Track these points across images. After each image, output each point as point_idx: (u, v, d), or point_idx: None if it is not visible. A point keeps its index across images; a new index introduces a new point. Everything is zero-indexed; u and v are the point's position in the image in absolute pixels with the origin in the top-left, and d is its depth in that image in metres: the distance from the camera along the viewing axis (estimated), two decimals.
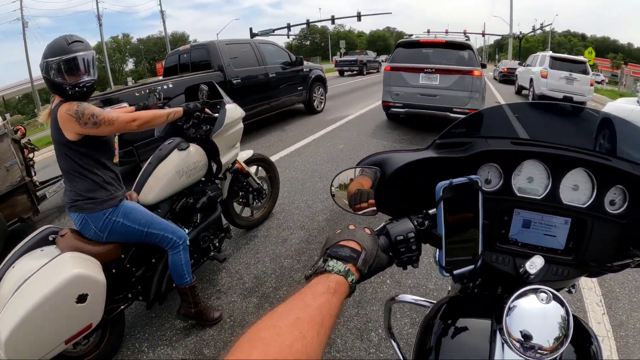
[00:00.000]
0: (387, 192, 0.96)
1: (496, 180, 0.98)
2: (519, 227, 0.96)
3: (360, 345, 2.26)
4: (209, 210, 2.80)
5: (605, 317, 2.40)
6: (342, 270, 0.65)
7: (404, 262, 0.79)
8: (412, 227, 0.80)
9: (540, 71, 11.94)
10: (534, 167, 0.95)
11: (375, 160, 1.00)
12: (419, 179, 0.93)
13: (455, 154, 0.99)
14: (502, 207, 0.96)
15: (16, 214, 4.02)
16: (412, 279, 2.82)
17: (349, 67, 26.51)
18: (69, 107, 1.92)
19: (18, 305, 1.78)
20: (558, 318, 0.69)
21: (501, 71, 22.35)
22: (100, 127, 1.96)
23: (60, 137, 1.98)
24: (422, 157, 1.00)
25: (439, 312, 0.94)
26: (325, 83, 10.23)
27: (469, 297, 1.07)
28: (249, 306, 2.68)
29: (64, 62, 1.94)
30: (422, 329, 0.93)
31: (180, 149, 2.59)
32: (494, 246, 0.95)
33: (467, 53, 7.06)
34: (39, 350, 1.83)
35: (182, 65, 7.82)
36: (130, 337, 2.51)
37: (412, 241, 0.78)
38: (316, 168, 5.48)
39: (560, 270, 0.91)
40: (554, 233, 0.93)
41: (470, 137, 1.06)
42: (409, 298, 1.29)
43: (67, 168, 2.07)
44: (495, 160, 0.97)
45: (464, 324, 0.87)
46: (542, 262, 0.83)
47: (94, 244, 2.13)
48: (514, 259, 0.93)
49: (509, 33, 44.11)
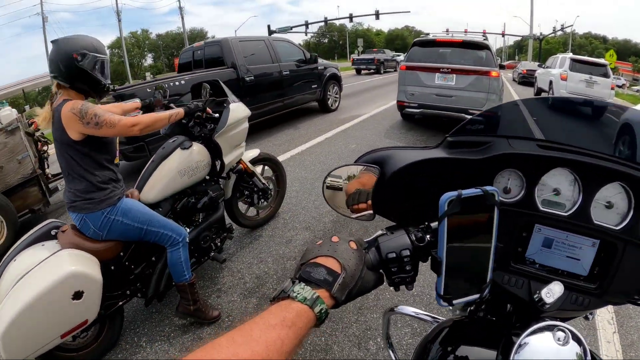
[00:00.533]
0: (386, 194, 0.85)
1: (517, 189, 0.84)
2: (538, 246, 0.82)
3: (357, 354, 2.22)
4: (211, 210, 2.79)
5: (616, 336, 2.32)
6: (309, 298, 0.56)
7: (395, 282, 0.69)
8: (408, 242, 0.69)
9: (560, 73, 11.72)
10: (564, 177, 0.81)
11: (375, 157, 0.89)
12: (425, 182, 0.83)
13: (470, 156, 0.86)
14: (521, 222, 0.83)
15: (27, 205, 4.13)
16: (416, 288, 2.74)
17: (366, 65, 26.41)
18: (74, 106, 1.93)
19: (15, 300, 1.81)
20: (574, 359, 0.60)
21: (520, 72, 22.02)
22: (102, 128, 1.97)
23: (64, 136, 1.98)
24: (430, 157, 0.86)
25: (439, 335, 0.85)
26: (340, 81, 10.16)
27: (474, 322, 0.96)
28: (248, 306, 2.66)
29: (106, 61, 2.11)
30: (420, 350, 0.85)
31: (183, 147, 2.58)
32: (507, 266, 0.83)
33: (484, 53, 6.91)
34: (35, 343, 1.85)
35: (196, 61, 7.84)
36: (129, 331, 2.54)
37: (406, 260, 0.67)
38: (327, 168, 5.40)
39: (580, 299, 0.79)
40: (578, 256, 0.80)
41: (489, 135, 0.93)
42: (409, 310, 1.19)
43: (67, 168, 2.07)
44: (518, 166, 0.83)
45: (465, 353, 0.78)
46: (562, 290, 0.72)
47: (93, 241, 2.14)
48: (529, 282, 0.81)
49: (529, 34, 43.36)
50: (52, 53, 2.00)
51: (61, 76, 2.01)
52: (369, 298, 2.64)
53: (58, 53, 1.98)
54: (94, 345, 2.28)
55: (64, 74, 2.00)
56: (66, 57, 1.97)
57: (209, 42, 7.86)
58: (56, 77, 2.03)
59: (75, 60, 1.97)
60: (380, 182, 0.84)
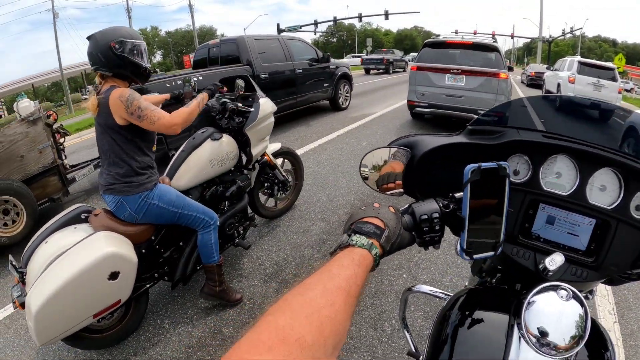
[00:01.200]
0: (415, 174, 0.97)
1: (524, 172, 0.97)
2: (542, 223, 0.94)
3: (373, 334, 2.33)
4: (237, 199, 2.92)
5: (617, 326, 2.41)
6: (366, 244, 0.65)
7: (426, 242, 0.80)
8: (437, 207, 0.79)
9: (568, 76, 11.71)
10: (563, 163, 0.94)
11: (406, 141, 1.02)
12: (448, 163, 0.92)
13: (486, 141, 0.99)
14: (528, 200, 0.95)
15: (47, 194, 4.25)
16: (428, 275, 2.89)
17: (375, 65, 26.37)
18: (122, 93, 2.03)
19: (51, 279, 1.86)
20: (576, 317, 0.67)
21: (529, 75, 21.71)
22: (143, 122, 2.07)
23: (109, 120, 2.08)
24: (453, 142, 1.00)
25: (456, 303, 0.93)
26: (351, 80, 10.25)
27: (487, 290, 1.06)
28: (268, 290, 2.79)
29: (143, 46, 2.22)
30: (439, 319, 0.93)
31: (213, 139, 2.71)
32: (516, 239, 0.94)
33: (493, 55, 7.02)
34: (68, 322, 1.92)
35: (211, 58, 7.97)
36: (152, 314, 2.64)
37: (435, 221, 0.78)
38: (339, 164, 5.57)
39: (579, 272, 0.88)
40: (577, 232, 0.91)
41: (502, 126, 1.05)
42: (426, 289, 1.28)
43: (109, 151, 2.16)
44: (525, 151, 0.96)
45: (481, 317, 0.86)
46: (562, 260, 0.81)
47: (126, 225, 2.23)
48: (535, 255, 0.91)
49: (538, 36, 42.90)
50: (90, 46, 2.10)
51: (103, 66, 2.11)
52: (384, 283, 2.78)
53: (96, 45, 2.08)
54: (119, 327, 2.36)
55: (104, 63, 2.09)
56: (105, 47, 2.06)
57: (225, 39, 7.99)
58: (98, 68, 2.13)
59: (113, 48, 2.06)
60: (410, 163, 0.97)
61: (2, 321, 2.85)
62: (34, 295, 1.83)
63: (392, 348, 2.24)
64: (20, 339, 2.60)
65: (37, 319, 1.80)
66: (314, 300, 0.51)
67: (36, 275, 1.91)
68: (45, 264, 1.93)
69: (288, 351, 0.42)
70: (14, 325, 2.77)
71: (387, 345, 2.25)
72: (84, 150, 8.30)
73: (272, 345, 0.42)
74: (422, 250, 3.19)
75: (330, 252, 0.69)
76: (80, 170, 4.92)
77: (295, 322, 0.46)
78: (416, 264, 2.99)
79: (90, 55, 2.11)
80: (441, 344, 0.84)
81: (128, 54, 2.11)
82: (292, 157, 3.84)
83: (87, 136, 11.04)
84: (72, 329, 1.95)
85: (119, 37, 2.09)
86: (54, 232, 2.13)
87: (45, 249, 2.03)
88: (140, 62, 2.18)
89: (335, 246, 0.68)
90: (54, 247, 2.00)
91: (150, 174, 2.27)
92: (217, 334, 2.42)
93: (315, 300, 0.50)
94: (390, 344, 2.26)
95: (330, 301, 0.51)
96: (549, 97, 1.09)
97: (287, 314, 0.47)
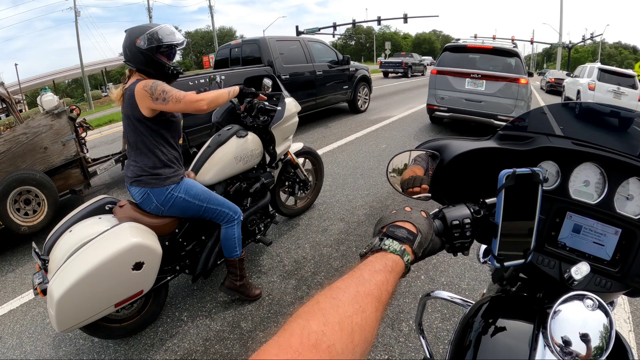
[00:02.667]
0: (443, 178, 0.97)
1: (553, 179, 0.96)
2: (569, 231, 0.93)
3: (390, 334, 2.35)
4: (260, 196, 2.97)
5: (632, 335, 2.39)
6: (399, 250, 0.65)
7: (455, 247, 0.79)
8: (468, 213, 0.80)
9: (588, 83, 11.48)
10: (592, 171, 0.93)
11: (435, 145, 1.02)
12: (477, 169, 0.93)
13: (517, 147, 0.98)
14: (555, 208, 0.94)
15: (69, 186, 4.38)
16: (446, 277, 2.89)
17: (393, 69, 26.31)
18: (146, 84, 2.09)
19: (75, 267, 1.88)
20: (600, 327, 0.67)
21: (548, 81, 21.36)
22: (169, 103, 2.10)
23: (136, 112, 2.14)
24: (484, 147, 1.00)
25: (479, 310, 0.93)
26: (371, 83, 10.27)
27: (510, 298, 1.04)
28: (287, 287, 2.83)
29: (173, 46, 2.24)
30: (461, 327, 0.92)
31: (239, 136, 2.76)
32: (542, 247, 0.94)
33: (514, 60, 6.98)
34: (89, 310, 1.94)
35: (232, 58, 8.09)
36: (171, 306, 2.70)
37: (467, 227, 0.78)
38: (358, 165, 5.59)
39: (603, 282, 0.87)
40: (603, 242, 0.90)
41: (532, 132, 1.04)
42: (445, 295, 1.28)
43: (136, 142, 2.21)
44: (555, 158, 0.95)
45: (504, 325, 0.85)
46: (588, 269, 0.80)
47: (151, 217, 2.27)
48: (560, 263, 0.91)
49: (558, 42, 42.16)
50: (123, 41, 2.18)
51: (129, 61, 2.19)
52: (402, 284, 2.78)
53: (125, 40, 2.17)
54: (137, 317, 2.41)
55: (130, 58, 2.17)
56: (131, 42, 2.14)
57: (247, 40, 8.09)
58: (127, 62, 2.21)
59: (137, 45, 2.13)
60: (439, 167, 0.97)
61: (19, 308, 2.94)
62: (56, 282, 1.86)
63: (408, 348, 2.25)
64: (36, 326, 2.68)
65: (58, 305, 1.82)
66: (346, 305, 0.50)
67: (59, 263, 1.94)
68: (69, 252, 1.96)
69: (318, 358, 0.42)
70: (31, 312, 2.86)
71: (404, 345, 2.26)
72: (104, 145, 8.50)
73: (303, 351, 0.42)
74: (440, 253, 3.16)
75: (360, 254, 0.68)
76: (102, 164, 5.06)
77: (327, 328, 0.45)
78: (434, 266, 3.00)
79: (122, 49, 2.20)
80: (464, 351, 0.84)
81: (152, 51, 2.16)
82: (313, 157, 3.89)
83: (107, 132, 11.29)
84: (93, 317, 1.98)
85: (147, 34, 2.14)
86: (78, 222, 2.17)
87: (70, 237, 2.07)
88: (162, 61, 2.22)
89: (366, 249, 0.68)
90: (78, 236, 2.04)
91: (177, 167, 2.32)
92: (236, 328, 2.46)
93: (347, 306, 0.50)
94: (407, 344, 2.27)
95: (361, 308, 0.50)
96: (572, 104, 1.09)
97: (319, 319, 0.46)
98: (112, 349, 2.38)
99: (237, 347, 2.32)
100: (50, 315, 1.89)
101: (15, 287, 3.27)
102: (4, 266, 3.66)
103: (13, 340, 2.58)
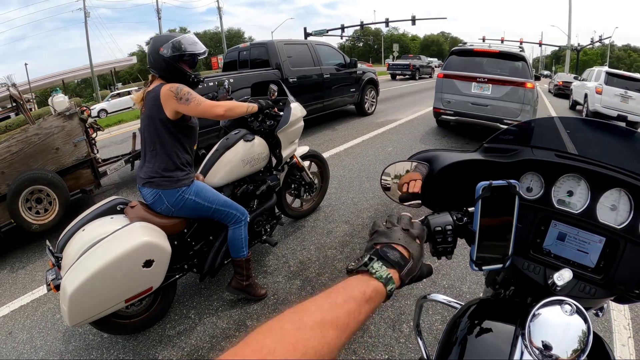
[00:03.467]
0: (433, 187, 1.02)
1: (537, 189, 0.99)
2: (553, 239, 0.96)
3: (391, 334, 2.39)
4: (266, 198, 3.04)
5: (631, 341, 2.40)
6: (384, 277, 0.64)
7: (438, 252, 0.84)
8: (451, 220, 0.84)
9: (595, 87, 11.36)
10: (575, 182, 0.96)
11: (425, 156, 1.08)
12: (464, 179, 0.97)
13: (501, 159, 1.03)
14: (540, 217, 0.97)
15: (79, 185, 4.47)
16: (447, 280, 2.92)
17: (401, 71, 26.23)
18: (172, 85, 2.19)
19: (88, 264, 1.95)
20: (579, 332, 0.69)
21: (556, 84, 21.12)
22: (191, 104, 2.19)
23: (160, 113, 2.22)
24: (469, 159, 1.04)
25: (467, 311, 0.96)
26: (378, 86, 10.29)
27: (498, 301, 1.08)
28: (292, 287, 2.89)
29: (195, 55, 2.35)
30: (449, 326, 0.95)
31: (246, 140, 2.83)
32: (527, 253, 0.97)
33: (520, 64, 6.97)
34: (100, 305, 2.01)
35: (241, 61, 8.17)
36: (179, 304, 2.76)
37: (449, 233, 0.83)
38: (364, 168, 5.63)
39: (587, 288, 0.90)
40: (587, 250, 0.92)
41: (517, 144, 1.07)
42: (441, 298, 1.30)
43: (154, 143, 2.28)
44: (538, 169, 0.99)
45: (489, 326, 0.88)
46: (571, 275, 0.82)
47: (161, 217, 2.34)
48: (545, 270, 0.94)
49: (566, 44, 41.71)
50: (148, 48, 2.30)
51: (153, 67, 2.29)
52: (404, 287, 2.84)
53: (150, 47, 2.27)
54: (146, 314, 2.48)
55: (154, 65, 2.27)
56: (155, 50, 2.24)
57: (255, 43, 8.16)
58: (150, 68, 2.31)
59: (161, 53, 2.23)
60: (428, 176, 1.02)
61: (30, 304, 3.03)
62: (70, 278, 1.93)
63: (409, 349, 2.29)
64: (47, 322, 2.76)
65: (71, 300, 1.89)
66: (308, 329, 0.50)
67: (72, 260, 2.00)
68: (82, 250, 2.03)
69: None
70: (41, 308, 2.95)
71: (404, 346, 2.30)
72: (113, 146, 8.62)
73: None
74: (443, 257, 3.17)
75: (347, 270, 0.68)
76: (112, 165, 5.15)
77: (280, 346, 0.46)
78: (437, 270, 3.04)
79: (147, 55, 2.31)
80: (449, 349, 0.87)
81: (174, 60, 2.25)
82: (318, 160, 3.94)
83: (116, 132, 11.43)
84: (104, 312, 2.04)
85: (169, 43, 2.23)
86: (90, 221, 2.25)
87: (83, 236, 2.14)
88: (184, 69, 2.32)
89: (354, 264, 0.67)
90: (91, 235, 2.12)
91: (189, 171, 2.39)
92: (241, 326, 2.52)
93: (309, 330, 0.50)
94: (407, 345, 2.31)
95: (322, 334, 0.50)
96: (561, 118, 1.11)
97: (276, 336, 0.47)
98: (120, 345, 2.45)
99: None
100: (63, 310, 1.96)
101: (26, 283, 3.36)
102: (15, 263, 3.76)
103: (23, 335, 2.66)
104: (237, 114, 2.49)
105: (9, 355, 2.51)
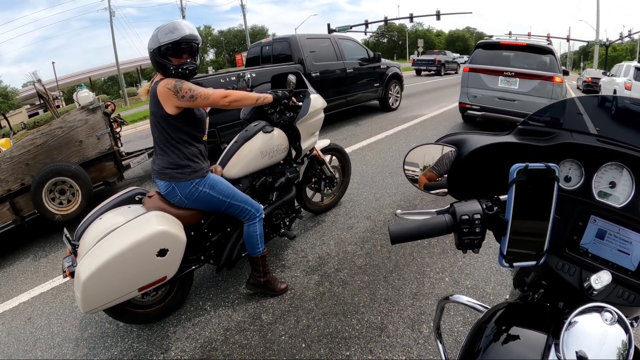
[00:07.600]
0: (460, 173, 0.94)
1: (576, 179, 0.91)
2: (592, 237, 0.86)
3: (410, 335, 2.31)
4: (285, 191, 3.00)
5: None
6: None
7: (465, 244, 0.77)
8: (479, 209, 0.77)
9: (625, 82, 10.97)
10: (618, 172, 0.86)
11: (453, 139, 0.99)
12: (495, 164, 0.89)
13: (537, 142, 0.94)
14: (578, 211, 0.88)
15: (102, 177, 4.58)
16: (471, 280, 2.81)
17: (426, 67, 25.92)
18: (167, 82, 2.13)
19: (102, 251, 1.97)
20: (619, 343, 0.62)
21: (585, 80, 20.51)
22: (197, 100, 2.15)
23: (160, 110, 2.19)
24: (502, 142, 0.95)
25: (494, 316, 0.88)
26: (402, 81, 10.14)
27: (527, 305, 0.98)
28: (310, 282, 2.85)
29: (171, 44, 2.12)
30: (473, 331, 0.88)
31: (265, 131, 2.80)
32: (562, 252, 0.87)
33: (548, 58, 6.72)
34: (114, 293, 2.02)
35: (263, 56, 8.16)
36: (195, 295, 2.77)
37: (476, 223, 0.75)
38: (387, 164, 5.53)
39: (627, 294, 0.80)
40: (629, 250, 0.82)
41: (555, 127, 0.99)
42: (464, 299, 1.22)
43: (160, 139, 2.27)
44: (578, 156, 0.90)
45: (517, 333, 0.80)
46: (610, 279, 0.73)
47: (178, 208, 2.34)
48: (581, 271, 0.84)
49: (594, 39, 40.29)
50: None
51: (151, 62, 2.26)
52: (425, 285, 2.74)
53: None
54: (161, 304, 2.49)
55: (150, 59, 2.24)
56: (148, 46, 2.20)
57: (277, 38, 8.14)
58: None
59: (148, 48, 2.20)
60: (456, 161, 0.94)
61: (50, 291, 3.11)
62: (84, 265, 1.95)
63: (427, 351, 2.21)
64: (65, 309, 2.82)
65: (84, 287, 1.91)
66: None
67: (88, 248, 2.03)
68: (98, 238, 2.06)
69: None
70: (60, 295, 3.02)
71: (422, 348, 2.22)
72: (138, 140, 8.76)
73: None
74: (466, 255, 3.11)
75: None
76: (135, 158, 5.25)
77: None
78: (460, 269, 2.93)
79: None
80: (473, 355, 0.80)
81: (155, 54, 2.17)
82: (340, 154, 3.88)
83: (141, 127, 11.62)
84: (117, 300, 2.05)
85: (151, 37, 2.17)
86: (108, 211, 2.29)
87: (100, 224, 2.18)
88: (167, 62, 2.16)
89: None
90: (107, 223, 2.15)
91: (201, 161, 2.36)
92: (256, 320, 2.49)
93: None
94: (426, 347, 2.23)
95: None
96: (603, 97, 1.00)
97: None
98: (135, 334, 2.46)
99: (257, 338, 2.34)
100: (76, 297, 1.98)
101: (47, 271, 3.45)
102: (37, 252, 3.87)
103: (42, 321, 2.73)
104: (245, 104, 2.47)
105: (27, 340, 2.57)
